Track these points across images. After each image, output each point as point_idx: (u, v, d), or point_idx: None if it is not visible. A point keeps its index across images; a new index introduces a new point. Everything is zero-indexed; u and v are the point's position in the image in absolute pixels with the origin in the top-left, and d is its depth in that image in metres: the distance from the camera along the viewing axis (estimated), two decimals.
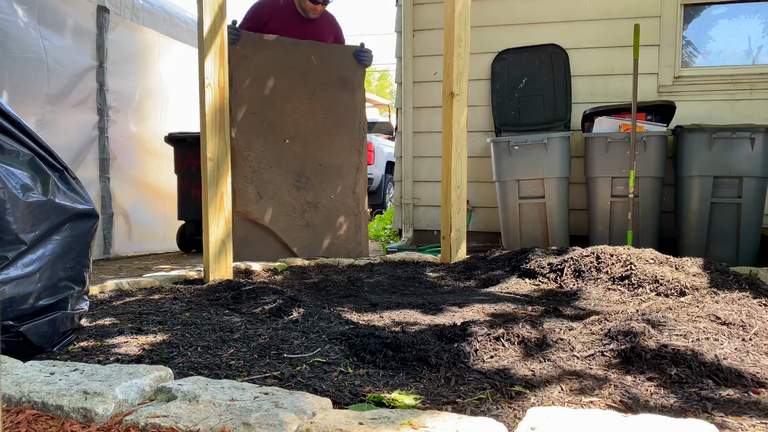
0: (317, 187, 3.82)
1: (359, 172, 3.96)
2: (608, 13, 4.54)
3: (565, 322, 1.97)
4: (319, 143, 3.81)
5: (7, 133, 1.63)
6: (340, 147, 3.89)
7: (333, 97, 3.86)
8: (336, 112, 3.87)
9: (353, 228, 3.91)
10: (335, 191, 3.86)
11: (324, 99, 3.83)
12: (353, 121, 3.92)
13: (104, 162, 4.56)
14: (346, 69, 3.91)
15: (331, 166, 3.86)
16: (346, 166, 3.91)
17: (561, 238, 4.17)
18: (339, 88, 3.87)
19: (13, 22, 3.82)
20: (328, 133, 3.85)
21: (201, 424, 1.09)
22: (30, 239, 1.60)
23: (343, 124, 3.89)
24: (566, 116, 4.53)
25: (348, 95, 3.91)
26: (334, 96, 3.86)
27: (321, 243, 3.81)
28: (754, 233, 3.80)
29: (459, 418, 1.09)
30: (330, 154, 3.86)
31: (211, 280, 2.81)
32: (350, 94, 3.92)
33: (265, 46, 3.69)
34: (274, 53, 3.70)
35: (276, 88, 3.69)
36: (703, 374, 1.41)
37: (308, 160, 3.79)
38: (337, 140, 3.87)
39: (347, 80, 3.91)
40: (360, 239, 3.94)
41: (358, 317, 2.19)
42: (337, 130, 3.87)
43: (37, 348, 1.63)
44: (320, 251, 3.80)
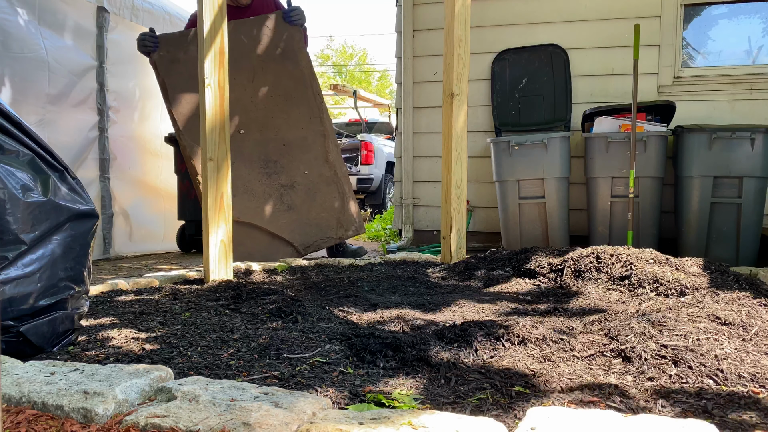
0: (288, 167, 3.67)
1: (327, 138, 3.78)
2: (608, 13, 4.54)
3: (565, 322, 1.97)
4: (275, 123, 3.66)
5: (7, 133, 1.63)
6: (298, 119, 3.72)
7: (275, 71, 3.69)
8: (283, 86, 3.68)
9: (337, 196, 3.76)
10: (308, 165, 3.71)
11: (267, 76, 3.66)
12: (305, 89, 3.72)
13: (104, 162, 4.56)
14: (280, 37, 3.70)
15: (295, 142, 3.70)
16: (311, 136, 3.74)
17: (561, 238, 4.17)
18: (279, 59, 3.68)
19: (14, 22, 3.83)
20: (282, 110, 3.68)
21: (201, 424, 1.09)
22: (30, 239, 1.60)
23: (295, 96, 3.70)
24: (566, 116, 4.53)
25: (291, 64, 3.71)
26: (276, 70, 3.68)
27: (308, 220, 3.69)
28: (754, 233, 3.80)
29: (459, 418, 1.09)
30: (290, 130, 3.69)
31: (211, 280, 2.81)
32: (293, 62, 3.72)
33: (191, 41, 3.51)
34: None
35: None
36: (703, 374, 1.41)
37: (270, 143, 3.64)
38: (293, 114, 3.70)
39: (285, 49, 3.70)
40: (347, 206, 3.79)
41: (358, 317, 2.19)
42: (289, 103, 3.69)
43: (37, 348, 1.63)
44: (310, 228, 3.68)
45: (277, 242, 3.61)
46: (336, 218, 3.75)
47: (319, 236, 3.71)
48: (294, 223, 3.65)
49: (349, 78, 31.64)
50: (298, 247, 3.64)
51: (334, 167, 3.77)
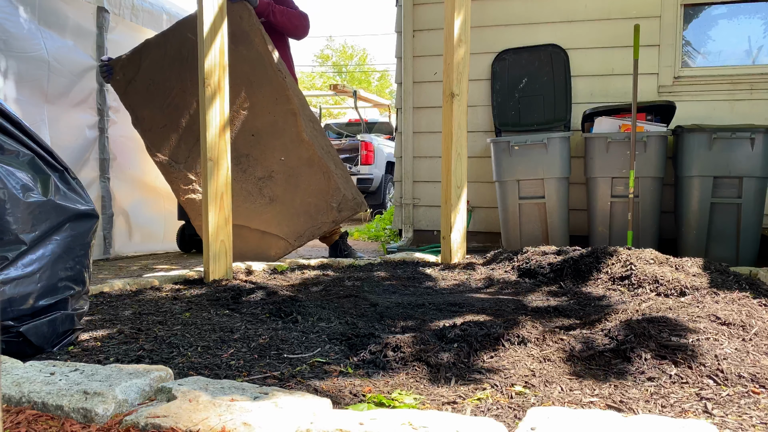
0: (261, 157, 3.48)
1: (298, 116, 3.50)
2: (608, 13, 4.54)
3: (565, 322, 1.97)
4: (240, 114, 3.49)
5: (7, 133, 1.63)
6: (263, 103, 3.51)
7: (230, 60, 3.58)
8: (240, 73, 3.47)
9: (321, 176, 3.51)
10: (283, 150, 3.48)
11: None
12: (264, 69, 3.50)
13: (104, 162, 4.56)
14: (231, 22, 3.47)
15: (264, 129, 3.50)
16: (281, 118, 3.51)
17: (561, 238, 4.17)
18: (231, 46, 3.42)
19: (15, 21, 3.83)
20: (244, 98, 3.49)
21: (201, 424, 1.09)
22: (30, 239, 1.60)
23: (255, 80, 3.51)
24: (566, 116, 4.53)
25: (244, 47, 3.50)
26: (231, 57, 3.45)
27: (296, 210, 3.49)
28: (754, 233, 3.80)
29: (459, 418, 1.09)
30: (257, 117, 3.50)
31: (211, 280, 2.81)
32: (246, 44, 3.51)
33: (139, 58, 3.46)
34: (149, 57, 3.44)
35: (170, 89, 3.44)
36: (703, 374, 1.41)
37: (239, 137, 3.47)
38: (257, 99, 3.50)
39: (235, 32, 3.48)
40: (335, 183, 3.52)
41: (358, 317, 2.18)
42: (251, 89, 3.50)
43: (37, 348, 1.63)
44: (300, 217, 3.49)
45: (268, 238, 3.45)
46: (325, 201, 3.50)
47: (310, 224, 3.49)
48: (280, 215, 3.48)
49: (349, 78, 31.63)
50: (290, 239, 3.46)
51: (312, 146, 3.50)
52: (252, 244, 3.43)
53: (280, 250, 3.49)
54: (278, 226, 3.44)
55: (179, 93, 3.49)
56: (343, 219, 3.48)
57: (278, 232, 3.43)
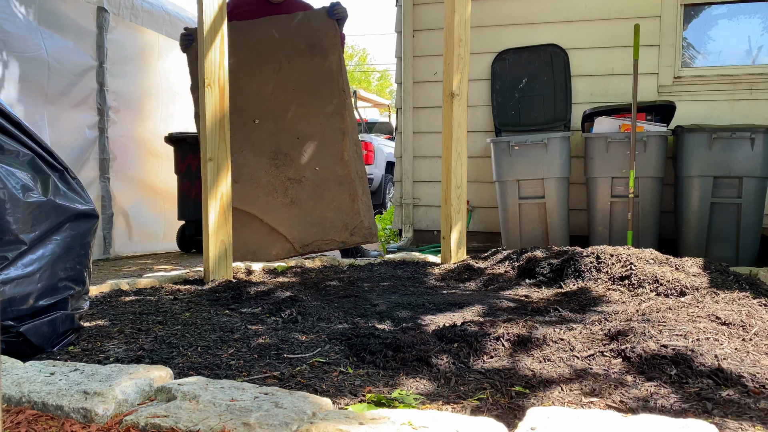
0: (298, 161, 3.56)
1: (346, 136, 3.66)
2: (608, 13, 4.54)
3: (565, 322, 1.97)
4: (292, 116, 3.59)
5: (7, 133, 1.63)
6: (318, 115, 3.63)
7: (302, 65, 3.64)
8: (307, 81, 3.63)
9: (347, 197, 3.60)
10: (320, 161, 3.57)
11: (292, 70, 3.62)
12: (330, 85, 3.66)
13: (104, 162, 4.56)
14: (314, 34, 3.66)
15: (310, 136, 3.60)
16: (329, 132, 3.63)
17: (561, 238, 4.17)
18: (308, 55, 3.64)
19: (15, 22, 3.83)
20: (302, 104, 3.61)
21: (201, 424, 1.09)
22: (30, 239, 1.60)
23: (318, 91, 3.65)
24: (566, 116, 4.53)
25: (319, 59, 3.66)
26: (303, 65, 3.64)
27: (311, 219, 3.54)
28: (754, 233, 3.80)
29: (459, 418, 1.09)
30: (307, 125, 3.60)
31: (211, 280, 2.81)
32: (321, 57, 3.67)
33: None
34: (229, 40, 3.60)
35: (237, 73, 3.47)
36: (703, 374, 1.41)
37: (284, 135, 3.56)
38: (313, 109, 3.62)
39: (316, 45, 3.66)
40: (357, 208, 3.61)
41: (358, 317, 2.18)
42: (311, 98, 3.63)
43: (37, 348, 1.63)
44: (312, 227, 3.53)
45: (274, 236, 3.48)
46: (342, 220, 3.58)
47: (320, 236, 3.54)
48: (295, 218, 3.52)
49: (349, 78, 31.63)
50: (295, 245, 3.49)
51: (349, 166, 3.62)
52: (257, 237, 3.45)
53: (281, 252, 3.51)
54: (289, 228, 3.48)
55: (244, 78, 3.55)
56: (352, 243, 3.55)
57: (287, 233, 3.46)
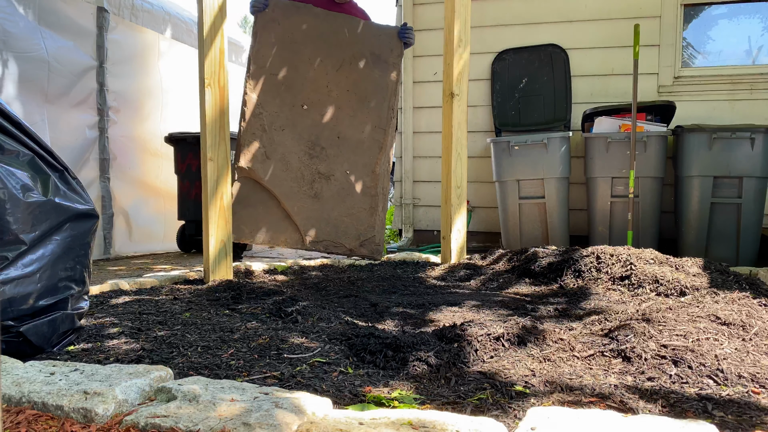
0: (332, 158, 3.53)
1: (382, 151, 3.65)
2: (608, 13, 4.54)
3: (565, 322, 1.97)
4: (340, 115, 3.57)
5: (7, 133, 1.63)
6: (363, 123, 3.62)
7: (363, 71, 3.63)
8: (363, 88, 3.63)
9: (367, 209, 3.57)
10: (352, 166, 3.56)
11: (352, 73, 3.60)
12: (382, 99, 3.66)
13: (104, 162, 4.56)
14: (382, 47, 3.67)
15: (350, 140, 3.58)
16: (368, 142, 3.62)
17: (561, 238, 4.17)
18: (370, 64, 3.64)
19: (15, 22, 3.83)
20: (352, 107, 3.59)
21: (201, 424, 1.09)
22: (30, 239, 1.60)
23: (369, 101, 3.64)
24: (566, 116, 4.53)
25: (379, 72, 3.67)
26: (363, 71, 3.63)
27: (328, 217, 3.48)
28: (754, 233, 3.80)
29: (459, 418, 1.09)
30: (351, 128, 3.59)
31: (211, 280, 2.81)
32: (382, 71, 3.67)
33: (295, 13, 3.50)
34: (304, 20, 3.51)
35: (301, 53, 3.48)
36: (703, 374, 1.41)
37: (326, 129, 3.53)
38: (360, 115, 3.62)
39: (380, 57, 3.67)
40: (374, 222, 3.59)
41: (358, 317, 2.18)
42: (361, 105, 3.62)
43: (37, 348, 1.63)
44: (327, 226, 3.48)
45: (287, 224, 3.40)
46: (356, 229, 3.54)
47: (331, 238, 3.47)
48: (313, 211, 3.45)
49: None
50: (306, 238, 3.41)
51: (377, 180, 3.62)
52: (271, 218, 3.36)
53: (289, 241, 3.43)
54: (305, 220, 3.41)
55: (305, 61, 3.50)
56: (359, 255, 3.49)
57: (301, 225, 3.40)
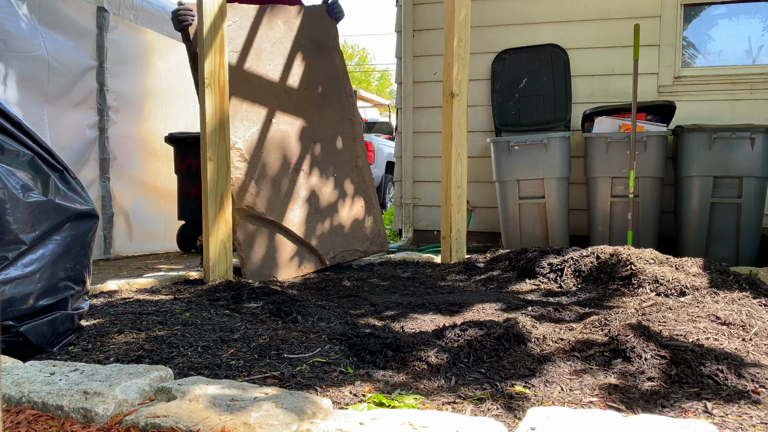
0: (316, 165, 3.36)
1: (357, 142, 3.52)
2: (608, 13, 4.54)
3: (565, 322, 1.97)
4: (306, 117, 3.36)
5: (7, 133, 1.63)
6: (329, 118, 3.44)
7: (311, 64, 3.42)
8: (316, 81, 3.42)
9: (364, 206, 3.48)
10: (337, 167, 3.41)
11: (302, 68, 3.38)
12: (337, 88, 3.50)
13: (104, 162, 4.56)
14: (318, 31, 3.46)
15: (325, 140, 3.40)
16: (341, 137, 3.47)
17: (561, 238, 4.17)
18: (314, 53, 3.44)
19: (14, 21, 3.83)
20: (314, 104, 3.39)
21: (201, 424, 1.09)
22: (30, 239, 1.60)
23: (327, 93, 3.46)
24: (566, 116, 4.53)
25: (326, 60, 3.48)
26: (311, 63, 3.42)
27: (334, 228, 3.35)
28: (754, 233, 3.80)
29: (459, 418, 1.09)
30: (321, 128, 3.40)
31: (211, 280, 2.81)
32: (327, 58, 3.50)
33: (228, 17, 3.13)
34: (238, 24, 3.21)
35: (247, 62, 3.21)
36: (703, 374, 1.41)
37: (301, 137, 3.33)
38: (324, 111, 3.43)
39: (321, 44, 3.47)
40: (374, 216, 3.50)
41: (358, 317, 2.18)
42: (322, 100, 3.43)
43: (37, 348, 1.63)
44: (337, 237, 3.34)
45: (301, 248, 3.25)
46: (361, 229, 3.45)
47: (345, 246, 3.38)
48: (320, 228, 3.30)
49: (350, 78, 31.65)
50: (323, 256, 3.28)
51: (363, 174, 3.50)
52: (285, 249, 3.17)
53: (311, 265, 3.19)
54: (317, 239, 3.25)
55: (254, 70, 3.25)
56: (372, 253, 3.44)
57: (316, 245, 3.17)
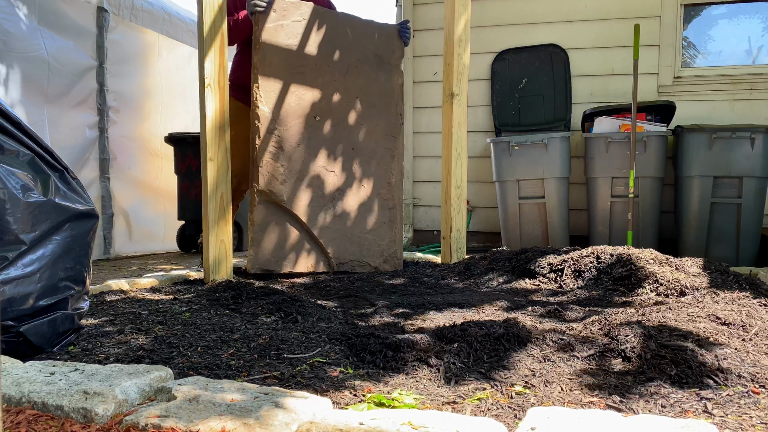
0: (349, 172, 3.36)
1: (395, 160, 3.51)
2: (608, 13, 4.54)
3: (565, 322, 1.97)
4: (351, 124, 3.38)
5: (7, 133, 1.63)
6: (374, 131, 3.46)
7: (369, 75, 3.44)
8: (371, 93, 3.45)
9: (386, 222, 3.46)
10: (369, 179, 3.42)
11: (359, 77, 3.41)
12: (389, 104, 3.51)
13: (104, 162, 4.56)
14: (383, 47, 3.49)
15: (364, 150, 3.41)
16: (381, 152, 3.47)
17: (561, 238, 4.17)
18: (375, 67, 3.47)
19: (14, 21, 3.83)
20: (362, 115, 3.42)
21: (201, 424, 1.09)
22: (30, 239, 1.60)
23: (378, 107, 3.48)
24: (566, 116, 4.53)
25: (384, 76, 3.50)
26: (370, 75, 3.45)
27: (351, 235, 3.33)
28: (754, 233, 3.80)
29: (459, 418, 1.09)
30: (363, 138, 3.42)
31: (211, 280, 2.81)
32: (387, 74, 3.51)
33: (298, 13, 3.24)
34: (308, 21, 3.26)
35: (306, 58, 3.24)
36: (703, 374, 1.41)
37: (340, 141, 3.34)
38: (371, 123, 3.45)
39: (384, 59, 3.50)
40: (394, 236, 3.48)
41: (357, 317, 2.18)
42: (371, 111, 3.45)
43: (36, 348, 1.63)
44: (351, 245, 3.33)
45: (312, 247, 3.24)
46: (379, 246, 3.42)
47: (356, 257, 3.34)
48: (337, 232, 3.29)
49: None
50: (332, 260, 3.27)
51: (393, 191, 3.48)
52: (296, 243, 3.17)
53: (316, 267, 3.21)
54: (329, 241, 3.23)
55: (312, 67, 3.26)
56: (383, 270, 3.36)
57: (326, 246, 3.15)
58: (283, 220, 3.15)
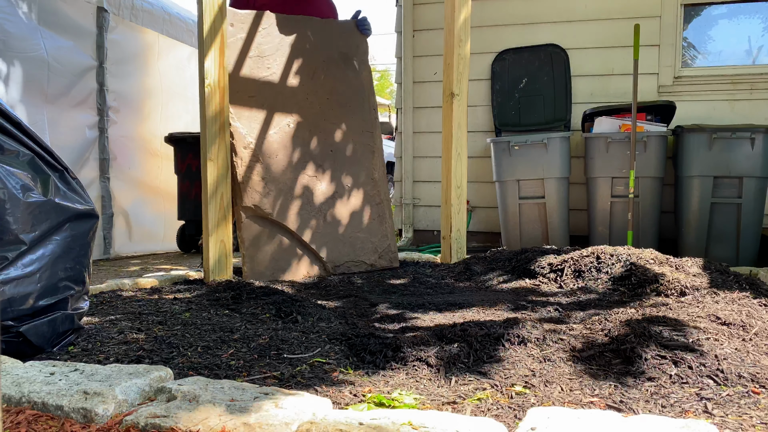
0: (331, 174, 3.39)
1: (375, 155, 3.54)
2: (608, 13, 4.54)
3: (565, 322, 1.97)
4: (327, 126, 3.41)
5: (7, 133, 1.63)
6: (350, 129, 3.49)
7: (336, 76, 3.48)
8: (341, 92, 3.48)
9: (376, 219, 3.48)
10: (352, 178, 3.45)
11: (327, 78, 3.44)
12: (362, 101, 3.54)
13: (104, 162, 4.56)
14: (347, 45, 3.54)
15: (343, 151, 3.45)
16: (360, 149, 3.50)
17: (561, 238, 4.17)
18: (342, 66, 3.50)
19: (14, 21, 3.83)
20: (336, 115, 3.45)
21: (201, 424, 1.09)
22: (30, 239, 1.60)
23: (350, 105, 3.51)
24: (566, 116, 4.53)
25: (352, 73, 3.54)
26: (337, 75, 3.48)
27: (343, 237, 3.35)
28: (754, 233, 3.80)
29: (459, 418, 1.09)
30: (341, 138, 3.45)
31: (211, 280, 2.81)
32: (354, 71, 3.55)
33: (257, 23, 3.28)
34: (268, 31, 3.31)
35: (272, 68, 3.28)
36: (703, 374, 1.41)
37: (318, 145, 3.36)
38: (346, 122, 3.48)
39: (349, 56, 3.54)
40: (385, 230, 3.50)
41: (358, 317, 2.18)
42: (344, 110, 3.48)
43: (36, 348, 1.63)
44: (344, 247, 3.34)
45: (305, 254, 3.26)
46: (372, 242, 3.43)
47: (351, 257, 3.35)
48: (329, 236, 3.31)
49: None
50: (327, 264, 3.28)
51: (379, 186, 3.51)
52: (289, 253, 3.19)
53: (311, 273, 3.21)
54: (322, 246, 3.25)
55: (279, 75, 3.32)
56: (379, 267, 3.38)
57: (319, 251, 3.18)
58: (272, 233, 3.16)
